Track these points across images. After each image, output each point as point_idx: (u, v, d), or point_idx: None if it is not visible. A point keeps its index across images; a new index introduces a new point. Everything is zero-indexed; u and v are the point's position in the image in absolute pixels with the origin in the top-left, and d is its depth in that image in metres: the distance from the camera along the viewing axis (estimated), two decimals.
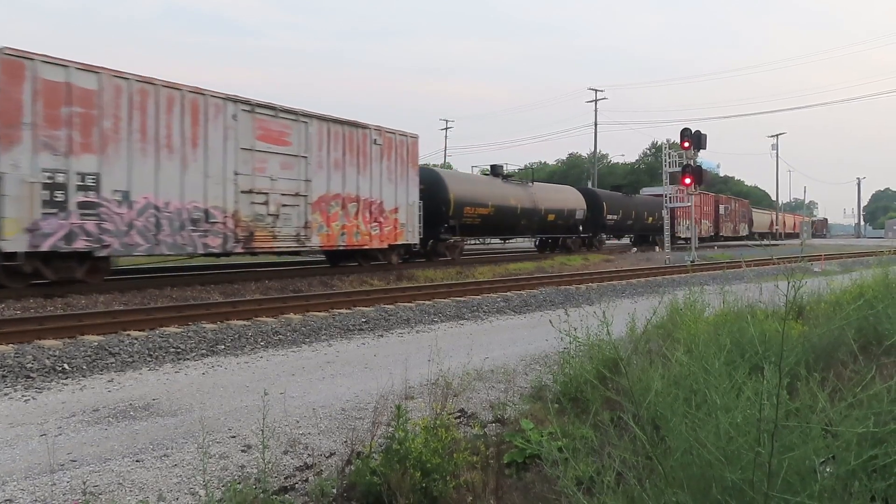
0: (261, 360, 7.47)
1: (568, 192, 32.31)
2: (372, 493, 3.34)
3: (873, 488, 2.31)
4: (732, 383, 2.79)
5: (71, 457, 4.24)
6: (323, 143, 16.90)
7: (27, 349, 7.26)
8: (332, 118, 17.28)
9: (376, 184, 18.68)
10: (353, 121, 18.02)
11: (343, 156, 17.54)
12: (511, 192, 26.63)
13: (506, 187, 26.65)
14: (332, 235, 17.18)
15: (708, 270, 19.96)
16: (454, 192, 22.77)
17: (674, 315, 6.35)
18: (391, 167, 19.30)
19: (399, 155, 19.64)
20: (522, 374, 6.52)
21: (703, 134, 24.67)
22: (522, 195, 27.20)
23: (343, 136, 17.55)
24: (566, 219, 30.28)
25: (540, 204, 28.08)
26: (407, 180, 19.99)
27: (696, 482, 2.40)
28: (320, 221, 16.81)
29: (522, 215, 26.93)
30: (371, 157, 18.45)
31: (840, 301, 7.25)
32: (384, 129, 19.11)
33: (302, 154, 16.28)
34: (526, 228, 28.24)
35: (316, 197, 16.66)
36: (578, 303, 12.74)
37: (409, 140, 20.23)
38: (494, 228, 26.49)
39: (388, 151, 19.22)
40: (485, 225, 25.00)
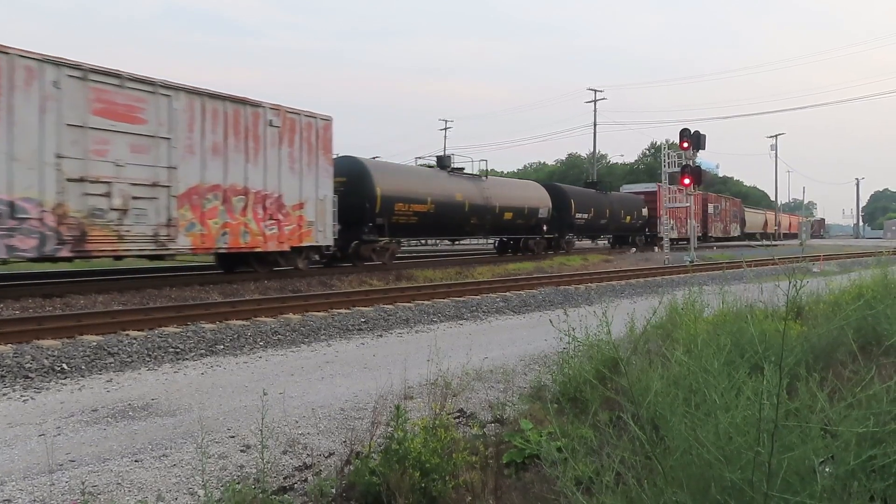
0: (260, 360, 7.47)
1: (530, 188, 29.60)
2: (371, 493, 3.34)
3: (872, 488, 2.31)
4: (732, 383, 2.79)
5: (70, 457, 4.23)
6: (195, 122, 13.76)
7: (26, 349, 7.25)
8: (207, 92, 14.18)
9: (273, 174, 15.54)
10: (239, 97, 14.97)
11: (225, 139, 14.41)
12: (458, 186, 23.69)
13: (451, 181, 23.73)
14: (209, 236, 14.01)
15: (707, 270, 19.97)
16: (382, 185, 19.82)
17: (673, 315, 6.35)
18: (294, 155, 16.14)
19: (305, 140, 16.46)
20: (521, 374, 6.52)
21: (702, 134, 24.70)
22: (472, 190, 24.28)
23: (225, 115, 14.42)
24: (527, 217, 27.48)
25: (494, 200, 25.26)
26: (317, 170, 16.74)
27: (695, 482, 2.40)
28: (191, 218, 13.63)
29: (472, 213, 24.06)
30: (265, 141, 15.36)
31: (839, 301, 7.26)
32: (284, 108, 16.05)
33: (163, 135, 13.10)
34: (477, 228, 25.19)
35: (184, 188, 13.49)
36: (577, 303, 12.74)
37: (320, 123, 16.97)
38: (435, 228, 23.40)
39: (290, 136, 16.04)
40: (423, 224, 21.97)
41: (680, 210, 39.73)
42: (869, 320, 5.38)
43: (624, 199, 38.44)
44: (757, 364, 2.98)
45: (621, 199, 37.85)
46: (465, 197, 23.61)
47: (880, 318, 5.36)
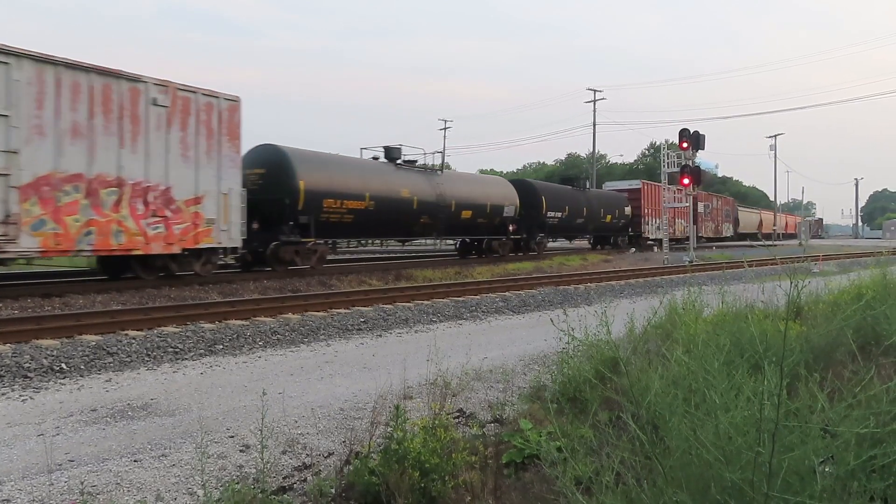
0: (259, 360, 7.46)
1: (493, 184, 27.04)
2: (370, 493, 3.33)
3: (872, 488, 2.31)
4: (732, 383, 2.79)
5: (69, 457, 4.22)
6: (47, 97, 11.44)
7: (25, 349, 7.25)
8: (63, 61, 11.78)
9: (157, 163, 13.20)
10: (111, 68, 12.59)
11: (90, 119, 12.08)
12: (405, 181, 21.05)
13: (397, 175, 21.07)
14: (66, 235, 11.70)
15: (706, 270, 19.98)
16: (306, 178, 17.25)
17: (673, 315, 6.35)
18: (188, 140, 13.81)
19: (204, 124, 14.16)
20: (521, 374, 6.52)
21: (701, 134, 24.71)
22: (423, 186, 21.67)
23: (90, 91, 12.07)
24: (489, 216, 24.97)
25: (450, 197, 22.65)
26: (219, 160, 14.44)
27: (695, 482, 2.40)
28: (40, 214, 11.27)
29: (422, 211, 21.45)
30: (148, 123, 13.06)
31: (838, 301, 7.26)
32: (174, 84, 13.64)
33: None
34: (428, 228, 22.34)
35: (30, 177, 11.17)
36: (577, 303, 12.75)
37: (224, 104, 14.68)
38: (376, 228, 20.54)
39: (183, 118, 13.69)
40: (360, 223, 19.30)
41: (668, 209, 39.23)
42: (868, 320, 5.38)
43: (604, 196, 36.01)
44: (757, 364, 2.98)
45: (601, 197, 35.27)
46: (413, 193, 21.05)
47: (880, 318, 5.36)
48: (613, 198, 36.44)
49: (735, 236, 53.91)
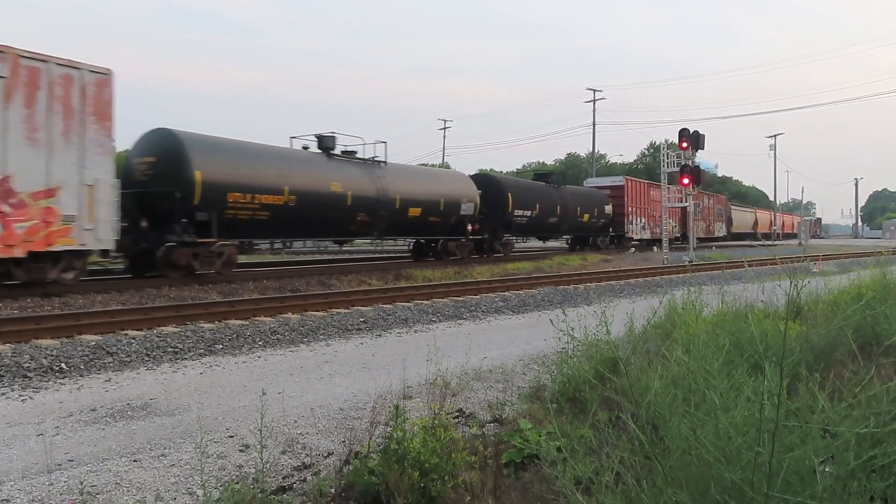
0: (259, 360, 7.46)
1: (448, 178, 24.27)
2: (370, 493, 3.33)
3: (872, 488, 2.30)
4: (731, 383, 2.79)
5: (68, 456, 4.22)
6: None
7: (24, 349, 7.25)
8: None
9: None
10: None
11: None
12: (337, 174, 18.28)
13: (328, 167, 18.27)
14: None
15: (706, 270, 19.98)
16: (204, 168, 14.70)
17: (672, 315, 6.35)
18: (37, 120, 11.44)
19: (60, 100, 11.78)
20: (521, 374, 6.52)
21: (701, 134, 24.73)
22: (360, 180, 18.96)
23: None
24: (444, 214, 22.26)
25: (394, 192, 19.87)
26: (82, 144, 12.14)
27: (695, 482, 2.39)
28: None
29: (359, 208, 18.65)
30: None
31: (838, 301, 7.26)
32: (15, 50, 11.25)
33: None
34: (367, 227, 19.51)
35: None
36: (577, 303, 12.75)
37: (89, 77, 12.33)
38: (301, 227, 17.70)
39: (29, 92, 11.31)
40: (279, 221, 16.64)
41: (653, 207, 36.86)
42: (868, 320, 5.38)
43: (581, 194, 33.41)
44: (757, 364, 2.98)
45: (578, 195, 32.60)
46: (347, 187, 18.15)
47: (879, 318, 5.35)
48: (592, 195, 34.05)
49: (728, 236, 51.62)
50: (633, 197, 36.43)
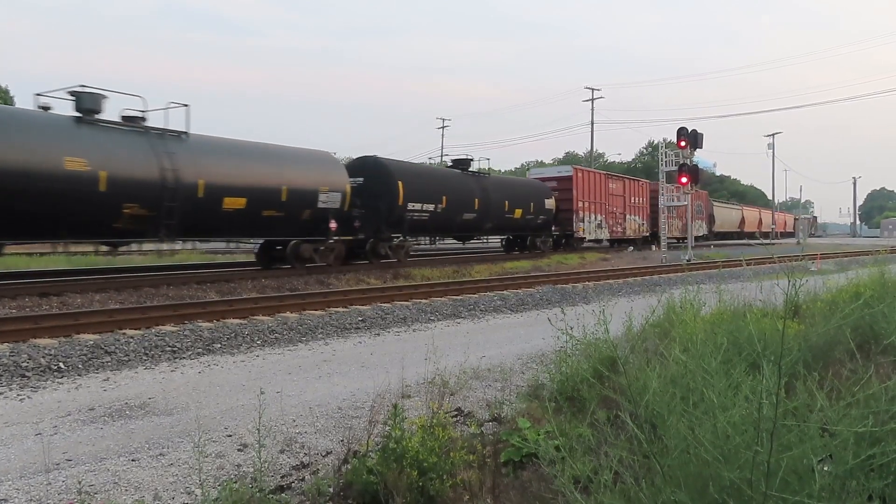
0: (257, 359, 7.46)
1: (298, 160, 17.50)
2: (368, 492, 3.33)
3: (871, 487, 2.31)
4: (730, 382, 2.79)
5: (66, 456, 4.22)
6: None
7: (22, 348, 7.24)
8: None
9: None
10: None
11: None
12: (88, 146, 12.62)
13: (76, 136, 12.64)
14: None
15: (704, 269, 19.99)
16: None
17: (670, 314, 6.35)
18: None
19: None
20: (519, 373, 6.52)
21: (699, 133, 24.77)
22: (133, 156, 13.34)
23: None
24: (290, 207, 16.49)
25: (194, 176, 14.26)
26: None
27: (693, 481, 2.39)
28: None
29: (125, 196, 13.09)
30: None
31: (836, 300, 7.26)
32: None
33: None
34: (140, 223, 13.61)
35: None
36: (575, 301, 12.76)
37: None
38: (15, 222, 11.87)
39: None
40: None
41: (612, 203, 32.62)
42: (867, 319, 5.39)
43: (511, 185, 27.08)
44: (755, 363, 2.98)
45: (506, 186, 25.98)
46: (100, 166, 12.59)
47: (878, 317, 5.36)
48: (528, 188, 27.77)
49: (711, 235, 47.17)
50: (586, 190, 30.60)
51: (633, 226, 35.43)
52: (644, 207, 36.65)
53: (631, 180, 37.12)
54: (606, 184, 32.97)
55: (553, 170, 34.51)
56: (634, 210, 35.79)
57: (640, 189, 36.72)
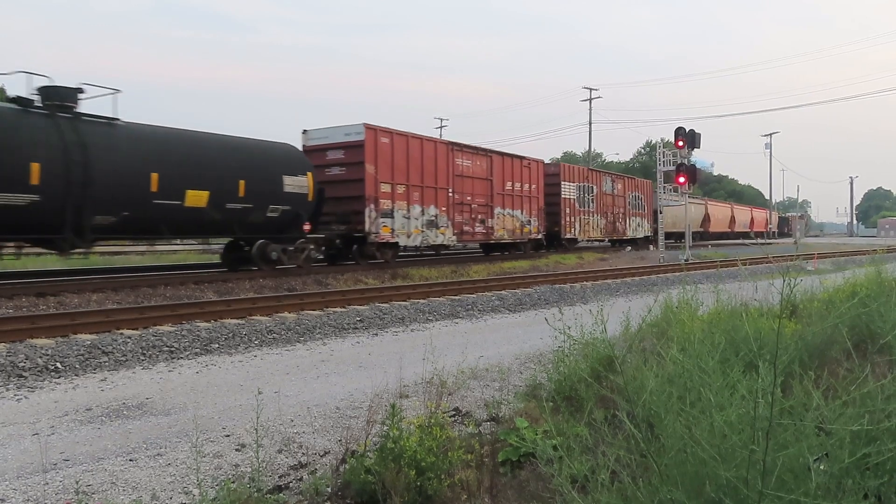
0: (255, 359, 7.45)
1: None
2: (366, 492, 3.33)
3: (866, 486, 2.31)
4: (726, 381, 2.80)
5: (64, 456, 4.22)
6: None
7: (19, 348, 7.23)
8: None
9: None
10: None
11: None
12: None
13: None
14: None
15: (702, 269, 20.02)
16: None
17: (668, 313, 6.36)
18: None
19: None
20: (517, 373, 6.52)
21: (697, 133, 24.78)
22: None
23: None
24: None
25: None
26: None
27: (690, 480, 2.40)
28: None
29: None
30: None
31: (833, 299, 7.28)
32: None
33: None
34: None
35: None
36: (573, 301, 12.77)
37: None
38: None
39: None
40: None
41: (465, 187, 21.73)
42: (863, 318, 5.40)
43: (183, 143, 14.24)
44: (751, 362, 2.99)
45: (158, 141, 13.71)
46: None
47: (874, 316, 5.37)
48: (235, 151, 15.25)
49: (654, 237, 35.59)
50: (397, 167, 19.13)
51: (510, 224, 24.25)
52: (534, 198, 25.71)
53: (507, 158, 24.48)
54: (450, 158, 21.22)
55: (339, 132, 18.96)
56: (515, 202, 24.49)
57: (525, 172, 25.15)
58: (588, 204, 30.24)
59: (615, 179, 34.24)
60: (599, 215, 31.24)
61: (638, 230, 35.86)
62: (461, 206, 21.97)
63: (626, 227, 34.51)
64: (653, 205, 35.01)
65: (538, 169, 26.66)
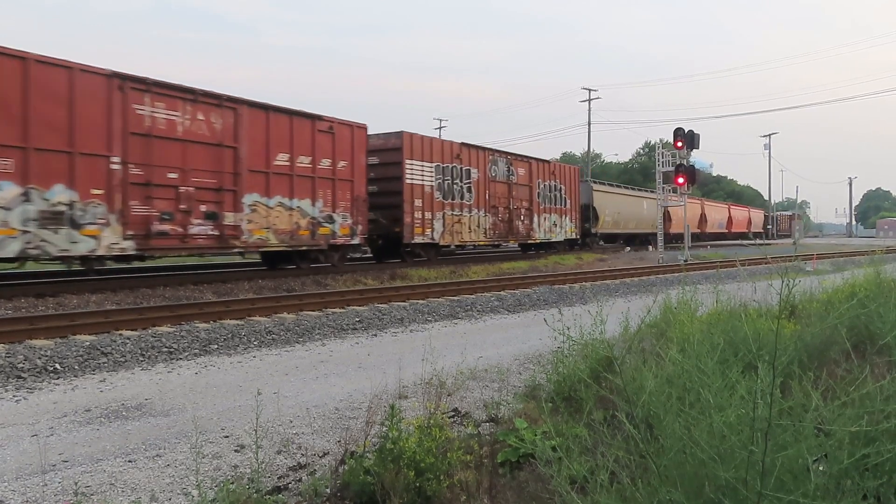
0: (254, 360, 7.45)
1: None
2: (366, 493, 3.33)
3: (865, 486, 2.31)
4: (725, 382, 2.80)
5: (62, 457, 4.21)
6: None
7: (18, 349, 7.22)
8: None
9: None
10: None
11: None
12: None
13: None
14: None
15: (701, 270, 20.03)
16: None
17: (667, 314, 6.36)
18: None
19: None
20: (516, 374, 6.52)
21: (696, 133, 24.80)
22: None
23: None
24: None
25: None
26: None
27: (689, 481, 2.40)
28: None
29: None
30: None
31: (832, 300, 7.28)
32: None
33: None
34: None
35: None
36: (572, 302, 12.77)
37: None
38: None
39: None
40: None
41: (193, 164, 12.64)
42: (862, 319, 5.40)
43: None
44: (751, 363, 2.99)
45: None
46: None
47: (873, 317, 5.37)
48: None
49: (597, 239, 31.73)
50: None
51: (282, 221, 15.58)
52: (345, 182, 17.29)
53: (277, 115, 15.53)
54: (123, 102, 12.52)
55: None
56: (296, 186, 15.86)
57: (323, 142, 16.60)
58: (460, 195, 21.55)
59: (513, 162, 24.61)
60: (484, 211, 22.65)
61: (555, 231, 26.98)
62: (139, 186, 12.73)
63: (532, 228, 25.65)
64: (580, 198, 29.09)
65: (353, 138, 17.49)
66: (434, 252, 21.16)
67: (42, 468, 3.94)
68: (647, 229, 37.04)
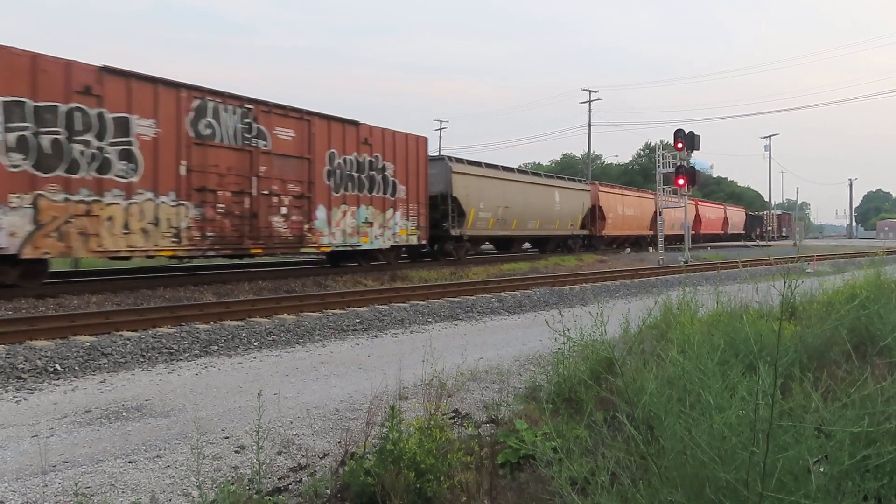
0: (254, 361, 7.45)
1: None
2: (366, 494, 3.33)
3: (866, 488, 2.31)
4: (726, 383, 2.80)
5: (63, 458, 4.21)
6: None
7: (19, 350, 7.22)
8: None
9: None
10: None
11: None
12: None
13: None
14: None
15: (701, 270, 20.03)
16: None
17: (667, 315, 6.36)
18: None
19: None
20: (516, 375, 6.52)
21: (696, 135, 24.80)
22: None
23: None
24: None
25: None
26: None
27: (690, 482, 2.40)
28: None
29: None
30: None
31: (832, 301, 7.28)
32: None
33: None
34: None
35: None
36: (572, 303, 12.77)
37: None
38: None
39: None
40: None
41: None
42: (862, 320, 5.40)
43: None
44: (751, 364, 2.99)
45: None
46: None
47: (874, 318, 5.37)
48: None
49: (438, 242, 21.44)
50: None
51: None
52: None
53: None
54: None
55: None
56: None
57: None
58: (96, 162, 11.60)
59: (262, 116, 14.72)
60: (174, 195, 12.85)
61: (370, 233, 17.76)
62: None
63: (314, 228, 15.99)
64: (427, 186, 19.90)
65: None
66: None
67: (42, 469, 3.94)
68: (560, 230, 27.66)
